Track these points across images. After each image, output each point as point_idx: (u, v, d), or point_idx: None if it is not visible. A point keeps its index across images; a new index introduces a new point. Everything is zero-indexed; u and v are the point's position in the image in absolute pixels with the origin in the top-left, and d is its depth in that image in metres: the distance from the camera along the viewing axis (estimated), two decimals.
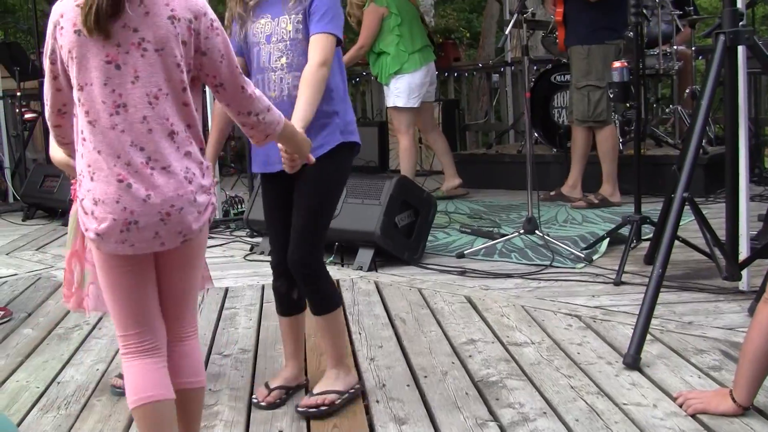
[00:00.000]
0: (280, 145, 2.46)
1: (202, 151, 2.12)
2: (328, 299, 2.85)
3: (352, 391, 2.87)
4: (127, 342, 2.11)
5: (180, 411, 2.16)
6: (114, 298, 2.11)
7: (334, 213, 2.92)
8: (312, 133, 2.61)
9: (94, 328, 3.88)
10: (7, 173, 8.62)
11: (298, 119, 2.56)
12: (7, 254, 5.86)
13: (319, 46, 2.68)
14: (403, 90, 6.60)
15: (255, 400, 2.90)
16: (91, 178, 2.00)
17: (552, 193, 6.44)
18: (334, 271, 4.64)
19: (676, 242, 3.53)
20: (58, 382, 3.21)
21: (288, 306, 2.96)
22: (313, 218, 2.77)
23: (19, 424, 2.80)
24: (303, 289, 2.87)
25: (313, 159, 2.50)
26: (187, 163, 2.04)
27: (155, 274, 2.14)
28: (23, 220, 7.40)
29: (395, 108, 6.69)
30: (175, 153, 2.01)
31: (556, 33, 6.56)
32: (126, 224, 1.97)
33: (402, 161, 6.75)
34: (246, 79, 2.12)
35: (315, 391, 2.83)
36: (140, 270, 2.09)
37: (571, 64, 6.22)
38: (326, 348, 2.94)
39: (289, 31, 2.74)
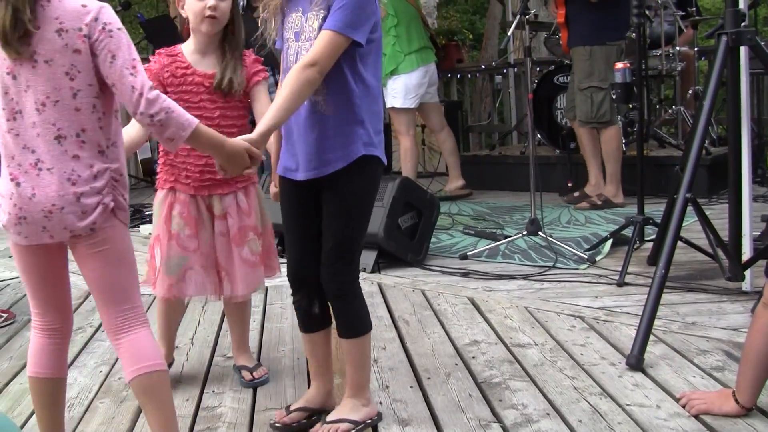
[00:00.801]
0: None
1: (102, 153, 2.21)
2: (358, 322, 2.66)
3: (369, 421, 2.67)
4: (34, 318, 2.40)
5: (142, 397, 2.30)
6: (23, 279, 2.36)
7: (367, 227, 2.69)
8: (332, 143, 2.50)
9: (97, 330, 3.88)
10: None
11: (262, 123, 2.42)
12: (9, 257, 5.85)
13: (316, 44, 2.41)
14: (399, 90, 6.60)
15: (271, 422, 2.73)
16: None
17: (575, 194, 6.40)
18: None
19: (679, 243, 3.53)
20: None
21: (311, 322, 2.73)
22: (341, 237, 2.58)
23: (22, 427, 2.81)
24: (333, 306, 2.68)
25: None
26: (74, 165, 2.16)
27: (68, 264, 2.37)
28: None
29: (393, 109, 6.71)
30: (61, 156, 2.16)
31: (560, 35, 6.56)
32: (17, 218, 2.18)
33: (403, 162, 6.75)
34: (143, 80, 2.14)
35: (328, 418, 2.66)
36: (46, 258, 2.29)
37: (574, 65, 6.22)
38: (348, 374, 2.71)
39: (315, 29, 2.47)
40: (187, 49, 2.96)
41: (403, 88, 6.59)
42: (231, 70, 2.84)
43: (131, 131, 2.81)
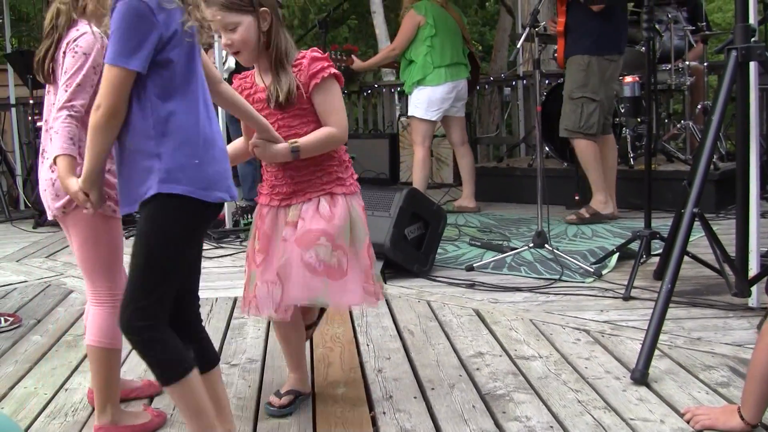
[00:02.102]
0: None
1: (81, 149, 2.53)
2: (160, 370, 2.36)
3: None
4: (106, 292, 2.81)
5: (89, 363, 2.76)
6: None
7: (176, 272, 2.37)
8: (136, 179, 2.31)
9: None
10: (19, 181, 8.65)
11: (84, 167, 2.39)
12: (17, 261, 5.88)
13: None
14: (422, 101, 6.64)
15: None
16: None
17: (583, 211, 6.24)
18: None
19: (686, 258, 3.52)
20: (66, 389, 3.22)
21: (198, 363, 2.43)
22: (134, 280, 2.32)
23: (26, 430, 2.81)
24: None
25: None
26: None
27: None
28: (34, 228, 7.42)
29: (413, 117, 6.76)
30: (52, 148, 2.63)
31: (555, 48, 6.55)
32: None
33: (415, 172, 6.77)
34: (70, 98, 2.63)
35: None
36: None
37: (568, 74, 6.18)
38: None
39: None
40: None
41: (426, 100, 6.64)
42: (276, 83, 2.69)
43: (237, 144, 2.97)
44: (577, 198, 6.53)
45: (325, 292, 2.71)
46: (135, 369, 3.41)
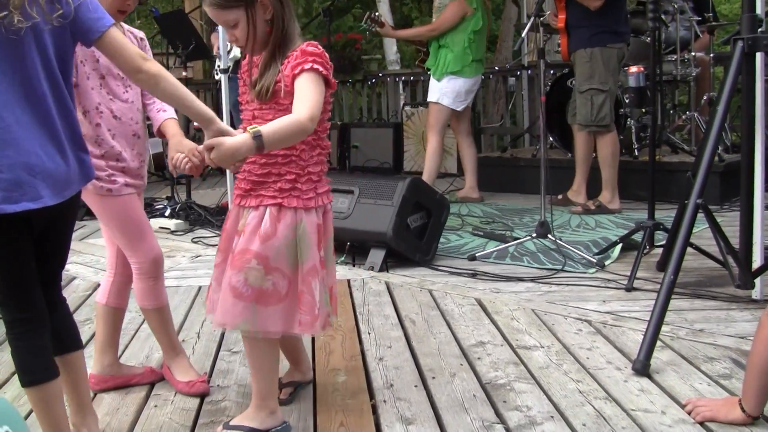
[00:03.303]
0: None
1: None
2: (19, 372, 2.34)
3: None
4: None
5: None
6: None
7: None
8: None
9: None
10: None
11: None
12: None
13: None
14: (452, 91, 6.64)
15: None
16: None
17: (559, 197, 6.42)
18: (346, 271, 4.66)
19: (690, 249, 3.52)
20: None
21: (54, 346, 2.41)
22: None
23: (27, 416, 2.81)
24: None
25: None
26: None
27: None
28: None
29: (437, 104, 6.70)
30: None
31: (560, 41, 6.55)
32: None
33: (428, 162, 6.73)
34: None
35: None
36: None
37: (575, 69, 6.20)
38: None
39: None
40: None
41: (457, 91, 6.65)
42: (260, 74, 2.57)
43: None
44: (560, 197, 6.50)
45: (252, 319, 2.49)
46: (137, 355, 3.41)
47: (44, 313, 2.33)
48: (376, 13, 6.80)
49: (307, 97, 2.42)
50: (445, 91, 6.63)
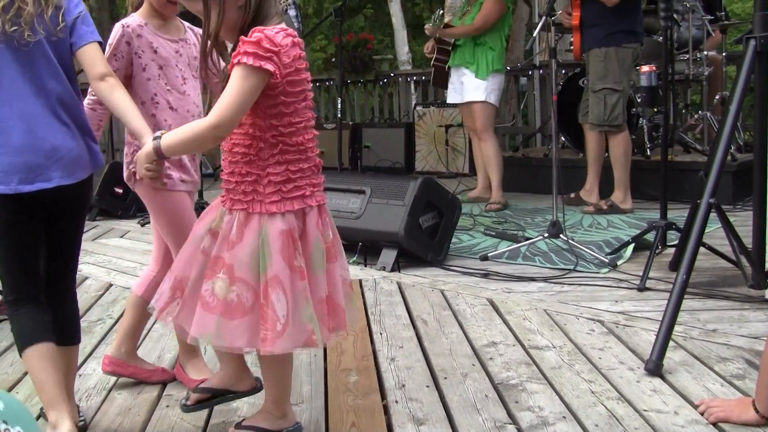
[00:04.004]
0: None
1: None
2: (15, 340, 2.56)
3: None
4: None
5: None
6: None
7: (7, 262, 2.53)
8: None
9: (116, 322, 3.91)
10: None
11: None
12: None
13: None
14: (498, 88, 6.67)
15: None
16: None
17: (571, 196, 6.41)
18: (357, 271, 4.66)
19: (702, 249, 3.50)
20: (80, 375, 3.22)
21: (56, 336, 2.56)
22: None
23: (39, 417, 2.82)
24: None
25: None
26: None
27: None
28: None
29: (485, 103, 6.65)
30: None
31: (571, 39, 6.54)
32: None
33: (494, 163, 6.74)
34: None
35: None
36: None
37: (589, 68, 6.19)
38: None
39: None
40: None
41: (500, 87, 6.71)
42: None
43: None
44: (572, 196, 6.49)
45: (217, 333, 2.34)
46: (149, 355, 3.42)
47: (37, 301, 2.55)
48: (441, 12, 6.75)
49: (222, 99, 2.24)
50: (492, 88, 6.61)
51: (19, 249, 2.53)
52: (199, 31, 2.97)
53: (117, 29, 2.92)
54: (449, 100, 7.16)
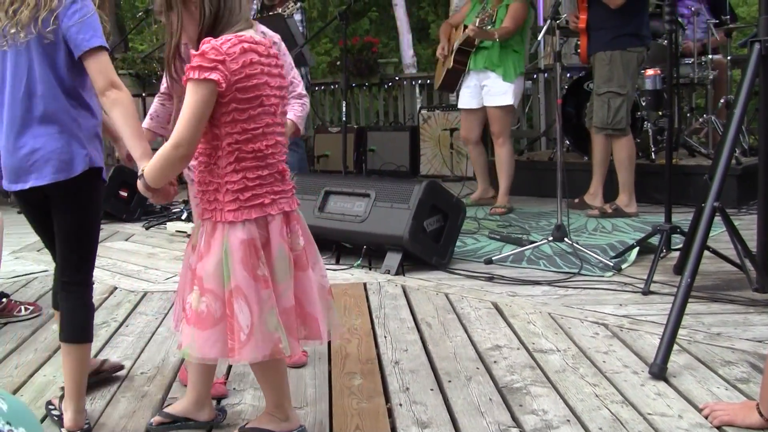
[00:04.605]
0: None
1: None
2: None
3: None
4: None
5: None
6: None
7: None
8: None
9: (121, 325, 3.92)
10: None
11: None
12: (38, 251, 5.91)
13: None
14: (520, 91, 6.65)
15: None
16: None
17: (576, 200, 6.40)
18: (362, 274, 4.66)
19: (707, 253, 3.50)
20: None
21: None
22: None
23: (44, 419, 2.83)
24: None
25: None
26: None
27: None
28: None
29: (510, 108, 6.62)
30: None
31: (578, 41, 6.53)
32: None
33: (507, 168, 6.72)
34: None
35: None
36: None
37: (594, 71, 6.19)
38: None
39: None
40: None
41: (521, 90, 6.68)
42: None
43: None
44: (576, 201, 6.48)
45: (192, 344, 2.39)
46: (153, 358, 3.42)
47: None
48: (493, 14, 6.62)
49: (179, 117, 2.29)
50: (517, 92, 6.58)
51: (40, 237, 2.89)
52: (275, 36, 3.13)
53: None
54: (462, 105, 6.91)
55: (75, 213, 2.70)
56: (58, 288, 2.82)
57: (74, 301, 2.77)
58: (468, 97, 6.79)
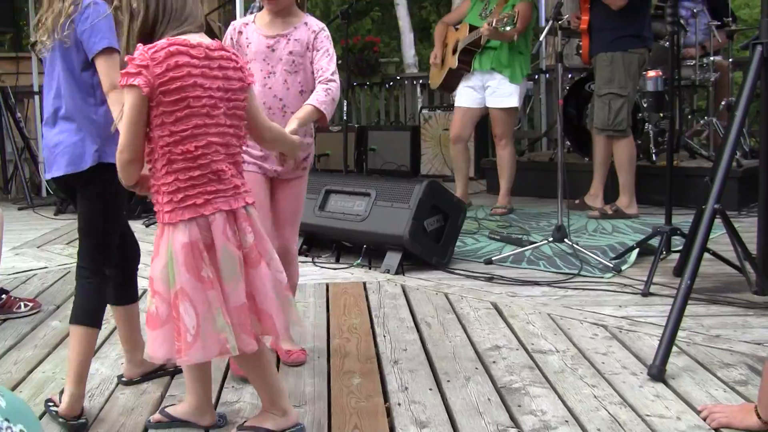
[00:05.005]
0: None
1: None
2: None
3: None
4: None
5: None
6: None
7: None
8: None
9: None
10: (41, 168, 8.72)
11: None
12: (38, 247, 5.93)
13: None
14: (524, 93, 6.59)
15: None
16: None
17: (576, 201, 6.40)
18: (362, 274, 4.66)
19: (707, 255, 3.50)
20: None
21: None
22: None
23: (42, 416, 2.83)
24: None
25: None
26: None
27: None
28: (55, 215, 7.47)
29: (514, 110, 6.58)
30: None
31: (580, 42, 6.52)
32: None
33: (507, 172, 6.67)
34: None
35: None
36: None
37: (595, 73, 6.19)
38: None
39: None
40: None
41: (525, 91, 6.65)
42: None
43: None
44: (577, 201, 6.48)
45: (148, 343, 2.47)
46: None
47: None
48: (515, 15, 6.51)
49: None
50: (521, 93, 6.55)
51: None
52: (317, 25, 3.20)
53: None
54: (461, 103, 6.75)
55: (86, 204, 2.91)
56: (76, 273, 2.97)
57: (87, 287, 2.89)
58: (468, 96, 6.67)
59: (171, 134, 2.36)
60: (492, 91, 6.51)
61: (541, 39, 5.49)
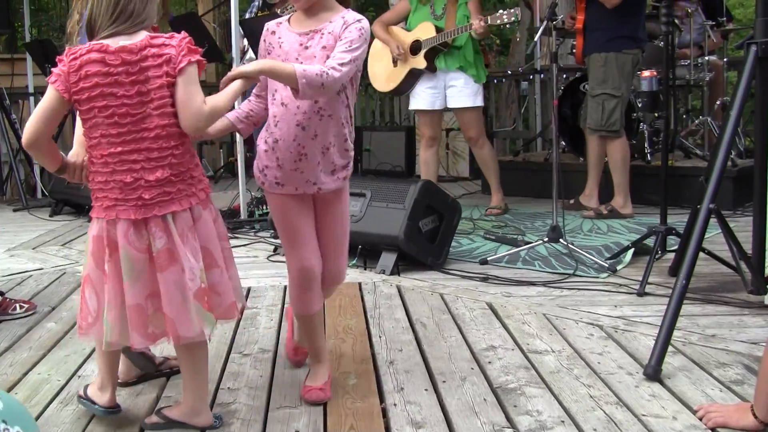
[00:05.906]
0: None
1: None
2: None
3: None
4: None
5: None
6: None
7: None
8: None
9: None
10: (36, 169, 8.71)
11: None
12: (33, 249, 5.91)
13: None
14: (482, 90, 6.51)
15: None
16: None
17: (571, 201, 6.41)
18: (357, 274, 4.66)
19: (702, 254, 3.50)
20: (79, 376, 3.23)
21: None
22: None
23: (38, 417, 2.82)
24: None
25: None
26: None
27: None
28: (50, 216, 7.45)
29: (480, 108, 6.48)
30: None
31: (574, 42, 6.53)
32: None
33: (492, 170, 6.63)
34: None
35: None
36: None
37: (589, 73, 6.19)
38: None
39: None
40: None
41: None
42: None
43: None
44: (572, 201, 6.48)
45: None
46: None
47: None
48: (517, 12, 6.34)
49: None
50: (482, 92, 6.47)
51: None
52: (353, 18, 2.79)
53: None
54: (423, 106, 6.51)
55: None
56: None
57: None
58: (430, 98, 6.44)
59: (89, 139, 2.53)
60: (458, 90, 6.34)
61: (535, 39, 5.49)
